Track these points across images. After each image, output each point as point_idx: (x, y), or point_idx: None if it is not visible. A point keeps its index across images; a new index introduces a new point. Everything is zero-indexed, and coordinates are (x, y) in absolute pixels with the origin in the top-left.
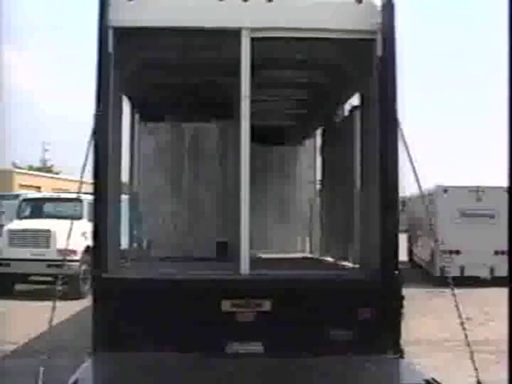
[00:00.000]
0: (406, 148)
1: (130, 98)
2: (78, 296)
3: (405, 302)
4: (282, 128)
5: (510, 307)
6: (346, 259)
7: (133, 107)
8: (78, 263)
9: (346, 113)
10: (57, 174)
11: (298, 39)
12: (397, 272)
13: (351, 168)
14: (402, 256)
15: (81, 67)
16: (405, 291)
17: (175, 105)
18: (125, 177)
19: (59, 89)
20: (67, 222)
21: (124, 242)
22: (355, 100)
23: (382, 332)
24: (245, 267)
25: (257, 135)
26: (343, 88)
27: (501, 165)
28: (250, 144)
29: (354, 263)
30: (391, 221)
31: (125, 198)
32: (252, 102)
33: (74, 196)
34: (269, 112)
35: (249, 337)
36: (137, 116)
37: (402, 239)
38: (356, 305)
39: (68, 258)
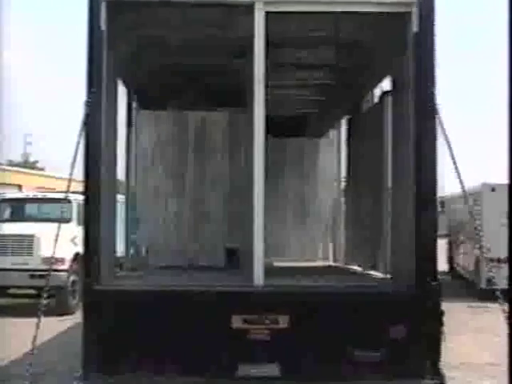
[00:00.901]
0: (447, 140)
1: (126, 83)
2: (65, 311)
3: (444, 319)
4: (302, 117)
5: (510, 310)
6: (375, 268)
7: (130, 93)
8: (65, 273)
9: (376, 99)
10: (41, 170)
11: (320, 14)
12: (435, 283)
13: (381, 163)
14: (441, 265)
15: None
16: (444, 306)
17: (178, 91)
18: (120, 174)
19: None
20: (53, 226)
21: (119, 249)
22: (386, 84)
23: (418, 353)
24: (258, 277)
25: (272, 126)
26: (372, 70)
27: None
28: (265, 136)
29: (385, 273)
30: (428, 224)
31: (120, 198)
32: (267, 87)
33: (61, 196)
34: (286, 99)
35: (263, 357)
36: (134, 103)
37: (441, 245)
38: (387, 321)
39: (54, 267)
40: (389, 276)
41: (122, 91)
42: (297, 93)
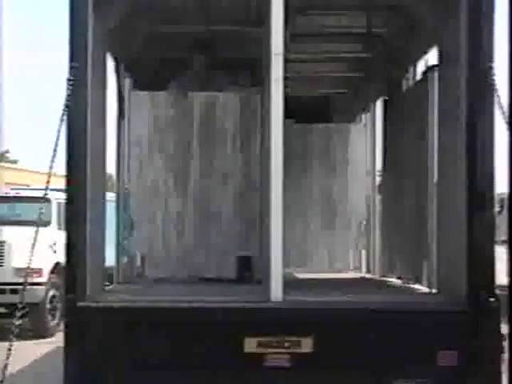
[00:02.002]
0: (508, 124)
1: (117, 57)
2: (43, 333)
3: (505, 343)
4: (328, 98)
5: (510, 309)
6: (418, 281)
7: (121, 70)
8: (43, 287)
9: (419, 76)
10: (14, 163)
11: None
12: (492, 300)
13: (425, 153)
14: (500, 277)
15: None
16: (504, 327)
17: (180, 67)
18: (111, 168)
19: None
20: (29, 231)
21: (109, 257)
22: (432, 58)
23: None
24: (277, 292)
25: (293, 109)
26: (415, 41)
27: None
28: (284, 121)
29: (430, 287)
30: (483, 228)
31: (110, 196)
32: (286, 61)
33: (38, 194)
34: (310, 76)
35: None
36: (127, 82)
37: (501, 254)
38: (433, 345)
39: (30, 280)
40: (435, 290)
41: (112, 67)
42: (322, 68)
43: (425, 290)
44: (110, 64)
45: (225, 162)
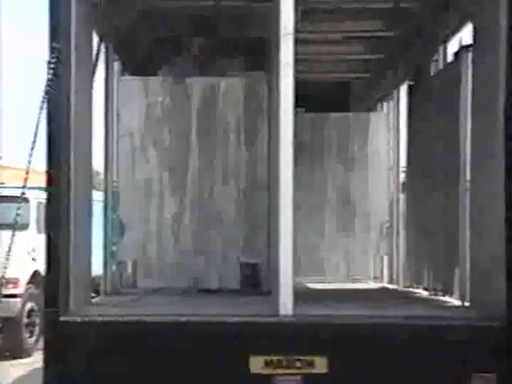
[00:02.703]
0: None
1: (104, 37)
2: (19, 352)
3: None
4: (345, 84)
5: (509, 307)
6: (447, 292)
7: (108, 51)
8: (19, 300)
9: (450, 57)
10: None
11: None
12: None
13: (457, 146)
14: None
15: None
16: None
17: (177, 48)
18: (98, 163)
19: None
20: (4, 234)
21: (97, 265)
22: (465, 36)
23: None
24: (286, 304)
25: (305, 96)
26: (445, 16)
27: None
28: (295, 110)
29: (462, 299)
30: None
31: (98, 196)
32: (297, 42)
33: (14, 193)
34: (323, 59)
35: None
36: (116, 66)
37: None
38: (466, 367)
39: (4, 291)
40: (468, 303)
41: (99, 49)
42: (338, 50)
43: (456, 302)
44: (97, 45)
45: (227, 158)
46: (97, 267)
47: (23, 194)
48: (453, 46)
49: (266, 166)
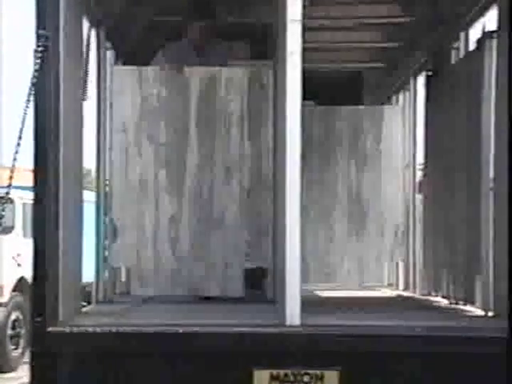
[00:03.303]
0: None
1: (96, 23)
2: (3, 367)
3: None
4: (357, 75)
5: (510, 308)
6: (469, 301)
7: (100, 38)
8: (3, 309)
9: (472, 44)
10: None
11: None
12: None
13: (479, 142)
14: None
15: None
16: None
17: (175, 34)
18: (89, 161)
19: None
20: None
21: (88, 272)
22: (488, 22)
23: None
24: (293, 314)
25: (313, 88)
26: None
27: None
28: (302, 103)
29: (486, 309)
30: None
31: (90, 196)
32: (305, 29)
33: None
34: (334, 47)
35: None
36: (109, 54)
37: None
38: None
39: None
40: (491, 313)
41: (90, 35)
42: (349, 38)
43: (478, 312)
44: (89, 31)
45: (228, 153)
46: (88, 274)
47: (7, 194)
48: (476, 32)
49: (271, 162)
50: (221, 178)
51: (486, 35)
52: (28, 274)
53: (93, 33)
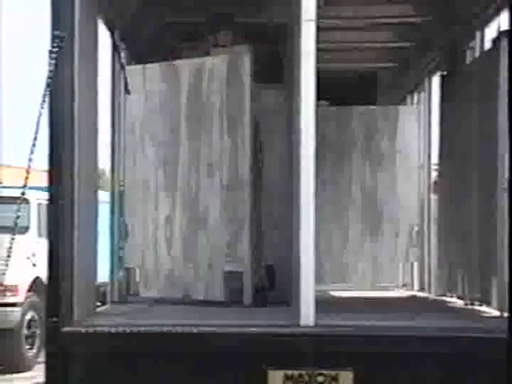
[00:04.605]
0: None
1: (110, 24)
2: (18, 366)
3: None
4: (372, 75)
5: (510, 308)
6: (485, 302)
7: (115, 38)
8: (19, 309)
9: (488, 44)
10: None
11: None
12: None
13: (495, 142)
14: None
15: None
16: None
17: (188, 34)
18: (104, 161)
19: None
20: (3, 238)
21: (103, 272)
22: (504, 22)
23: None
24: (307, 314)
25: (327, 88)
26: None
27: None
28: (317, 102)
29: (502, 309)
30: None
31: (104, 197)
32: (319, 29)
33: (13, 193)
34: (348, 47)
35: None
36: (123, 55)
37: None
38: None
39: (3, 299)
40: (507, 314)
41: (104, 36)
42: (364, 38)
43: (494, 313)
44: (104, 32)
45: (211, 149)
46: (103, 274)
47: (23, 194)
48: (491, 32)
49: (248, 156)
50: (205, 176)
51: (502, 34)
52: (43, 274)
53: (108, 34)
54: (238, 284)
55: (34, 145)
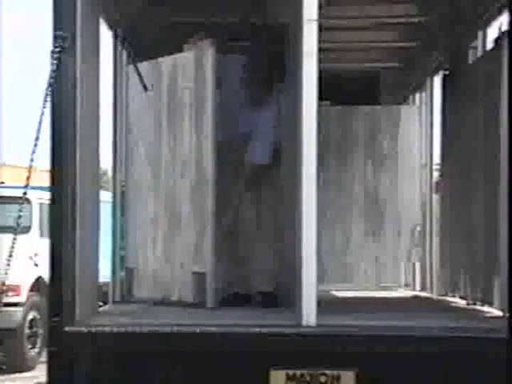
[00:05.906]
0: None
1: (112, 24)
2: (20, 366)
3: None
4: (374, 75)
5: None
6: (487, 302)
7: (117, 38)
8: (21, 309)
9: (490, 44)
10: None
11: None
12: None
13: (497, 143)
14: None
15: None
16: None
17: (193, 33)
18: (106, 161)
19: None
20: (5, 238)
21: (105, 271)
22: (507, 20)
23: None
24: (309, 314)
25: (329, 88)
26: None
27: None
28: (319, 102)
29: (504, 309)
30: None
31: (106, 196)
32: (321, 29)
33: (15, 193)
34: (350, 47)
35: None
36: (125, 54)
37: None
38: None
39: (5, 299)
40: (509, 314)
41: (106, 35)
42: (366, 37)
43: (496, 313)
44: (106, 31)
45: (184, 147)
46: (105, 273)
47: (25, 194)
48: (493, 31)
49: (210, 154)
50: (179, 175)
51: (504, 34)
52: (45, 274)
53: (110, 32)
54: (204, 285)
55: (35, 144)
